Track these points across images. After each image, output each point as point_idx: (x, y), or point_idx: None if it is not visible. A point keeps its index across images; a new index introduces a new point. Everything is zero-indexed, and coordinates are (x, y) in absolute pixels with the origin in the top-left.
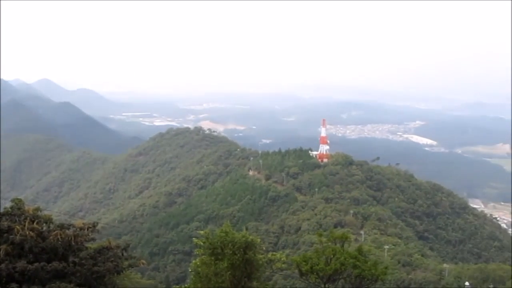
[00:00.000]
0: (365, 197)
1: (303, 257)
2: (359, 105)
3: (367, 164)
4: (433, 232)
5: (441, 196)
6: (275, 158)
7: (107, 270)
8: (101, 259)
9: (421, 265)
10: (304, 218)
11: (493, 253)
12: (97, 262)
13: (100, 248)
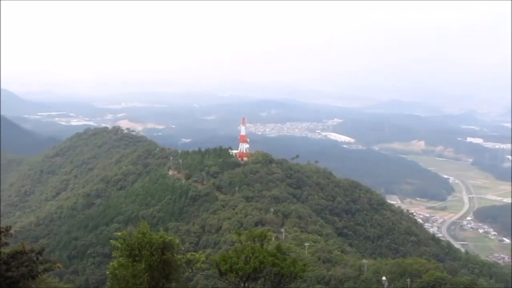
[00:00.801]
0: (285, 195)
1: (222, 257)
2: (278, 103)
3: (286, 162)
4: (352, 229)
5: (359, 193)
6: (195, 157)
7: (21, 275)
8: (14, 264)
9: (340, 261)
10: (224, 217)
11: (409, 248)
12: (10, 267)
13: (14, 252)
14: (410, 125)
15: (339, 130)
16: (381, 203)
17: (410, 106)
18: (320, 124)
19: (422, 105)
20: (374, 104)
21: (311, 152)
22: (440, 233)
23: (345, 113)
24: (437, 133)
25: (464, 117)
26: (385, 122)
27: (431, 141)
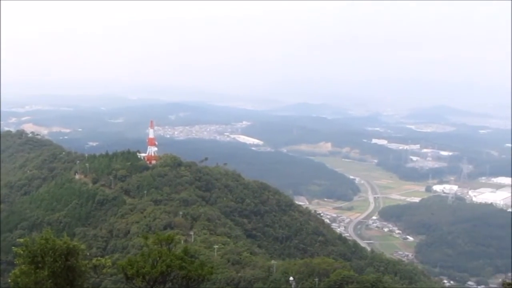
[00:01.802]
0: (194, 198)
1: (129, 261)
2: (187, 106)
3: (195, 165)
4: (261, 230)
5: (268, 195)
6: (102, 160)
7: None
8: None
9: (250, 263)
10: (133, 221)
11: (317, 248)
12: None
13: None
14: (317, 127)
15: (248, 132)
16: (289, 204)
17: (318, 109)
18: (229, 127)
19: (329, 107)
20: (282, 107)
21: (220, 155)
22: (347, 232)
23: (254, 116)
24: (344, 134)
25: (370, 119)
26: (293, 124)
27: (337, 142)
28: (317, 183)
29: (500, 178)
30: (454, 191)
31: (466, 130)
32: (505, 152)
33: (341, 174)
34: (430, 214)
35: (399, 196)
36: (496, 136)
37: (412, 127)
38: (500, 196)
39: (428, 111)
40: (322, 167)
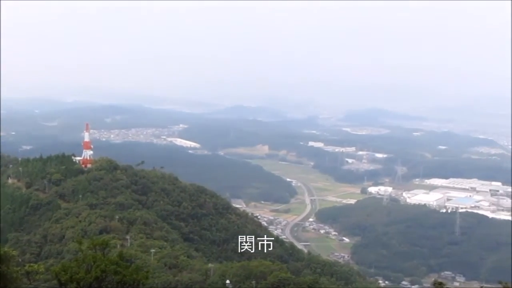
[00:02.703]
0: (130, 202)
1: (62, 267)
2: (123, 109)
3: (132, 169)
4: (198, 233)
5: (205, 198)
6: (36, 164)
7: None
8: None
9: (187, 266)
10: (68, 226)
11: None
12: None
13: None
14: (254, 130)
15: (184, 135)
16: (226, 207)
17: (254, 111)
18: (166, 130)
19: (265, 110)
20: (219, 110)
21: (157, 158)
22: (284, 235)
23: (190, 119)
24: (281, 137)
25: (307, 122)
26: (230, 127)
27: (274, 145)
28: (254, 186)
29: (433, 180)
30: (388, 192)
31: (400, 133)
32: (438, 154)
33: (278, 177)
34: (366, 216)
35: (335, 198)
36: (430, 138)
37: (348, 130)
38: (433, 197)
39: (363, 114)
40: (259, 170)
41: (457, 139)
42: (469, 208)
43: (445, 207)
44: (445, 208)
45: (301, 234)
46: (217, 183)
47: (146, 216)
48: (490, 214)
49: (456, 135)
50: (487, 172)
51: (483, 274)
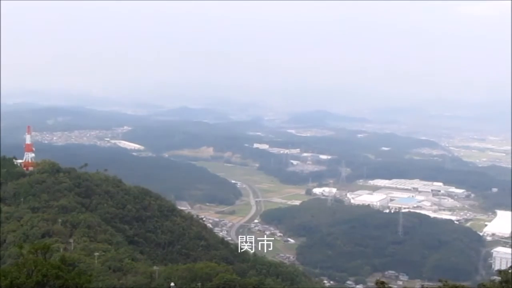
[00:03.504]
0: (73, 205)
1: (2, 272)
2: (66, 111)
3: (75, 171)
4: (143, 236)
5: (149, 200)
6: None
7: None
8: None
9: (131, 269)
10: (9, 230)
11: (200, 252)
12: None
13: None
14: (199, 131)
15: (128, 137)
16: (171, 209)
17: (199, 113)
18: (110, 132)
19: (210, 112)
20: (163, 111)
21: (100, 160)
22: (229, 236)
23: (135, 121)
24: (226, 139)
25: (252, 124)
26: (175, 129)
27: (219, 147)
28: (199, 188)
29: (377, 181)
30: (333, 193)
31: (344, 134)
32: (381, 155)
33: (223, 179)
34: (311, 217)
35: (280, 199)
36: (373, 140)
37: (293, 132)
38: (376, 198)
39: (308, 116)
40: (204, 172)
41: (399, 141)
42: (411, 208)
43: (388, 207)
44: (388, 208)
45: (247, 235)
46: (162, 185)
47: (90, 219)
48: (432, 214)
49: (398, 136)
50: (429, 172)
51: (425, 272)
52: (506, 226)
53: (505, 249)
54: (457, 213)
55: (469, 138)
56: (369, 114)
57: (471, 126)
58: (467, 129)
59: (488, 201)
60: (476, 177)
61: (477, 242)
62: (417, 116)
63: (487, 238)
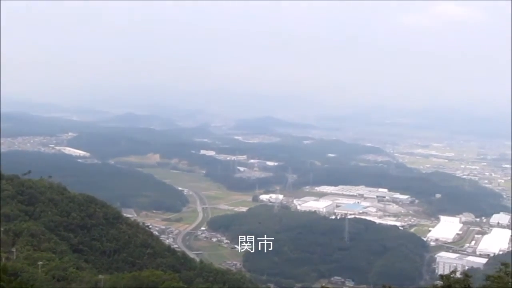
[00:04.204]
0: (16, 213)
1: None
2: (8, 117)
3: (18, 178)
4: (88, 244)
5: (95, 208)
6: None
7: None
8: None
9: (76, 278)
10: None
11: (146, 260)
12: None
13: None
14: (145, 138)
15: (74, 144)
16: (117, 217)
17: (145, 120)
18: (54, 138)
19: (157, 118)
20: (109, 118)
21: (44, 167)
22: (176, 244)
23: (80, 127)
24: (172, 146)
25: (198, 131)
26: (120, 135)
27: (166, 154)
28: (145, 195)
29: (323, 187)
30: (279, 200)
31: (291, 141)
32: (328, 162)
33: (170, 186)
34: (257, 223)
35: (227, 206)
36: (319, 146)
37: (240, 138)
38: (322, 204)
39: (254, 122)
40: (150, 179)
41: (345, 147)
42: (357, 214)
43: (334, 213)
44: (335, 214)
45: (193, 243)
46: (107, 193)
47: (33, 227)
48: (377, 220)
49: (344, 143)
50: (374, 179)
51: (371, 278)
52: (449, 231)
53: (448, 254)
54: (402, 219)
55: (413, 144)
56: (315, 121)
57: (414, 133)
58: (411, 136)
59: (432, 207)
60: (420, 183)
61: (421, 248)
62: (362, 123)
63: (431, 243)
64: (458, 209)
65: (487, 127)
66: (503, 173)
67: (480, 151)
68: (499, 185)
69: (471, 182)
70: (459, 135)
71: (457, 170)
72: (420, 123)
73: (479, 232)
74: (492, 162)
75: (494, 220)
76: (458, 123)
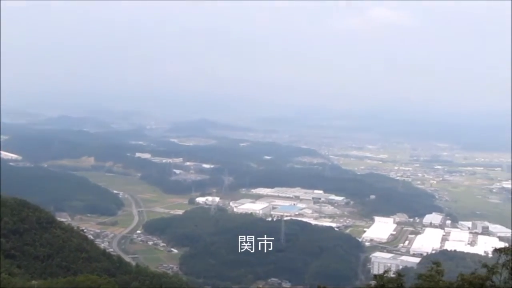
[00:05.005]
0: None
1: None
2: None
3: None
4: (21, 249)
5: (27, 212)
6: None
7: None
8: None
9: (9, 285)
10: None
11: (81, 265)
12: None
13: None
14: (79, 141)
15: (5, 147)
16: (51, 221)
17: (80, 122)
18: None
19: (91, 121)
20: (42, 120)
21: None
22: (111, 248)
23: (11, 129)
24: (107, 148)
25: (133, 133)
26: (54, 138)
27: (101, 156)
28: (80, 199)
29: (259, 189)
30: (216, 202)
31: (227, 143)
32: (264, 164)
33: (105, 189)
34: (194, 226)
35: (163, 209)
36: (255, 149)
37: (175, 141)
38: (259, 206)
39: (190, 125)
40: (85, 182)
41: (281, 149)
42: (293, 215)
43: (271, 215)
44: (271, 216)
45: (129, 246)
46: (40, 197)
47: None
48: (313, 221)
49: (280, 145)
50: (310, 180)
51: (307, 279)
52: (383, 231)
53: (382, 254)
54: (337, 220)
55: (348, 146)
56: (251, 123)
57: (349, 135)
58: (346, 138)
59: (366, 208)
60: (355, 185)
61: (356, 248)
62: (298, 125)
63: (366, 244)
64: (392, 209)
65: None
66: (435, 174)
67: (412, 152)
68: (431, 186)
69: (404, 183)
70: (393, 137)
71: (390, 171)
72: (355, 125)
73: (413, 232)
74: (425, 164)
75: (426, 220)
76: (392, 125)
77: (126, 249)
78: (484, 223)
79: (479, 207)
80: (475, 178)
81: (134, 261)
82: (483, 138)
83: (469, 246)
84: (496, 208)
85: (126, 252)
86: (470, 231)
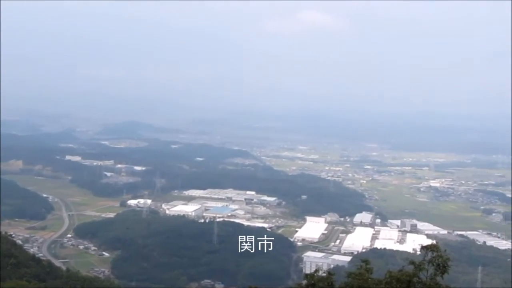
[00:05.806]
0: None
1: None
2: None
3: None
4: None
5: None
6: None
7: None
8: None
9: None
10: None
11: (9, 271)
12: None
13: None
14: (8, 144)
15: None
16: None
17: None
18: None
19: (20, 124)
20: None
21: None
22: (41, 252)
23: None
24: (36, 151)
25: (64, 136)
26: None
27: (29, 160)
28: (7, 203)
29: (191, 191)
30: (148, 204)
31: (158, 145)
32: (196, 166)
33: (34, 193)
34: (126, 229)
35: (94, 212)
36: (187, 150)
37: (106, 143)
38: (191, 208)
39: (121, 127)
40: (13, 186)
41: (213, 151)
42: (226, 217)
43: (203, 217)
44: (203, 218)
45: (59, 251)
46: None
47: None
48: (245, 222)
49: (212, 147)
50: (242, 181)
51: (240, 280)
52: (315, 231)
53: (314, 253)
54: (270, 221)
55: (279, 147)
56: (183, 125)
57: (281, 136)
58: (278, 139)
59: (298, 208)
60: (286, 185)
61: (289, 248)
62: (230, 127)
63: (298, 244)
64: (323, 209)
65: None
66: (365, 174)
67: (343, 153)
68: (361, 186)
69: (335, 183)
70: (324, 138)
71: (321, 171)
72: (288, 127)
73: (344, 231)
74: (355, 164)
75: (357, 219)
76: (324, 126)
77: (56, 253)
78: (413, 221)
79: (408, 206)
80: (403, 177)
81: (65, 265)
82: (412, 138)
83: (398, 244)
84: (424, 206)
85: (56, 257)
86: (399, 229)
